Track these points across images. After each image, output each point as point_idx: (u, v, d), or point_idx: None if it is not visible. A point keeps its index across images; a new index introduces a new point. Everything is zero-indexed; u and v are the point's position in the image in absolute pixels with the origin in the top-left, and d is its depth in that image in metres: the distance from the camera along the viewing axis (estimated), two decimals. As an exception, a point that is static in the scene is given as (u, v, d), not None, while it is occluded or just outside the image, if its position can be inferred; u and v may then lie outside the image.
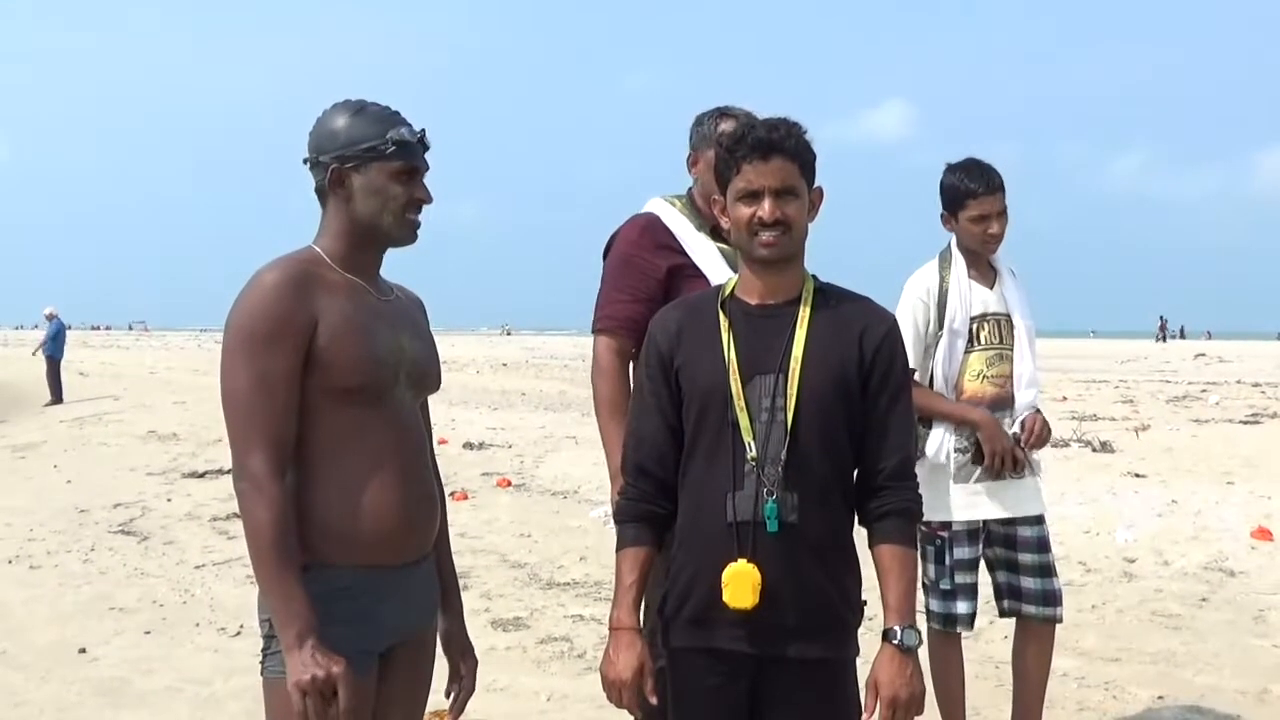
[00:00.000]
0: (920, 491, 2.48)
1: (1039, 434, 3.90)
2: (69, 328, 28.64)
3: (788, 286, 2.44)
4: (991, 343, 3.92)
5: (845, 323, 2.42)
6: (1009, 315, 3.96)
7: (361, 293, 2.30)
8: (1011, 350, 3.94)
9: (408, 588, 2.34)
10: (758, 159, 2.36)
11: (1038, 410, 3.97)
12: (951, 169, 3.96)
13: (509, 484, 10.97)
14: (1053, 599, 3.94)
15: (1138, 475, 10.44)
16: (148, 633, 6.03)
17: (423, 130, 2.33)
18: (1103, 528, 8.27)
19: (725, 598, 2.33)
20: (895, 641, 2.36)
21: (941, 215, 3.97)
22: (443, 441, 13.50)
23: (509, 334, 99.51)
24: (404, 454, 2.30)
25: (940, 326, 3.88)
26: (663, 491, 2.47)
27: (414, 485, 2.31)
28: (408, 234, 2.35)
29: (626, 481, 2.53)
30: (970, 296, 3.91)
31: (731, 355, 2.40)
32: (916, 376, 3.80)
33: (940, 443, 3.85)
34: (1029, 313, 4.00)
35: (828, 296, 2.46)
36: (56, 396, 22.30)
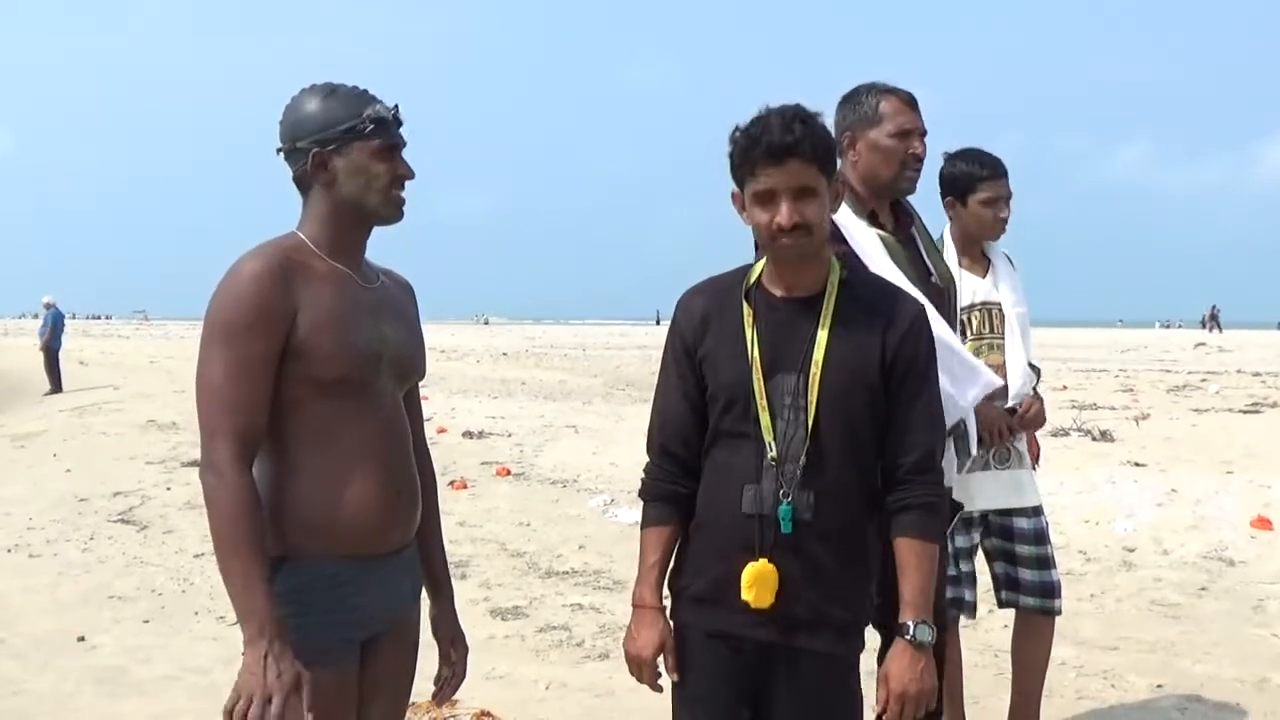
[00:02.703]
0: (942, 488, 2.44)
1: (1032, 414, 3.87)
2: (69, 316, 28.59)
3: (812, 279, 2.41)
4: (982, 332, 3.90)
5: (869, 319, 2.39)
6: (1000, 304, 3.93)
7: (345, 281, 2.26)
8: (1002, 339, 3.92)
9: (389, 577, 2.32)
10: (772, 162, 2.31)
11: (1037, 397, 3.95)
12: (954, 157, 3.95)
13: (508, 473, 10.96)
14: (1050, 591, 3.93)
15: (1137, 464, 10.43)
16: (146, 621, 6.03)
17: (396, 106, 2.29)
18: (1102, 517, 8.27)
19: (746, 597, 2.32)
20: (908, 636, 2.35)
21: (946, 201, 3.94)
22: (442, 430, 13.51)
23: (486, 323, 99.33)
24: (385, 445, 2.28)
25: None
26: (687, 472, 2.48)
27: (395, 476, 2.29)
28: (394, 211, 2.31)
29: (651, 461, 2.54)
30: (960, 286, 3.86)
31: (755, 352, 2.37)
32: None
33: None
34: (1022, 300, 3.96)
35: (853, 289, 2.43)
36: (56, 386, 22.28)
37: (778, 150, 2.30)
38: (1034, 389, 3.97)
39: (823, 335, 2.36)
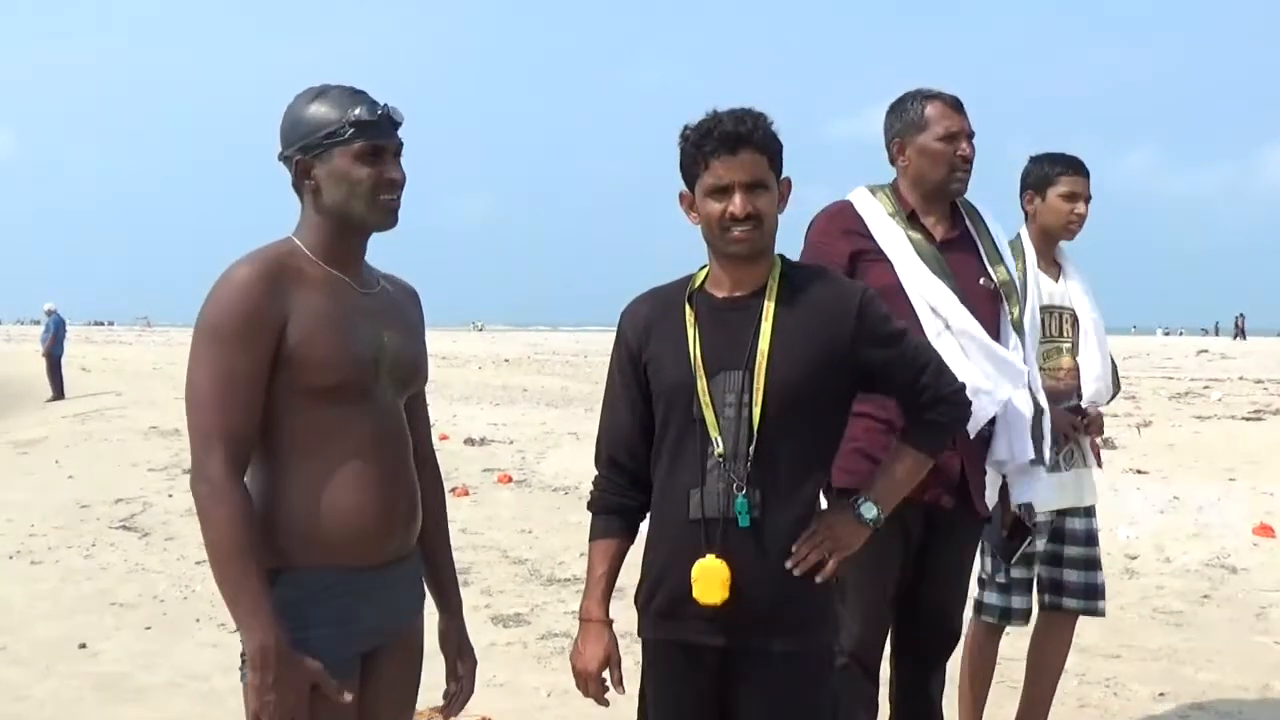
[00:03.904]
0: (961, 410, 2.52)
1: (1091, 425, 3.90)
2: (70, 323, 28.59)
3: (755, 277, 2.44)
4: (1052, 335, 3.90)
5: (812, 312, 2.41)
6: (1072, 309, 3.94)
7: (341, 287, 2.21)
8: (1068, 342, 3.93)
9: (390, 588, 2.27)
10: (726, 153, 2.34)
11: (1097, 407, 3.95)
12: (1039, 156, 3.98)
13: (510, 480, 10.96)
14: (1095, 592, 3.96)
15: (1139, 472, 10.42)
16: (148, 628, 6.03)
17: (386, 106, 2.20)
18: (1104, 524, 8.19)
19: (694, 594, 2.33)
20: (855, 504, 2.43)
21: (1026, 197, 3.95)
22: (444, 437, 13.50)
23: (480, 329, 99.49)
24: (384, 453, 2.22)
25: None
26: (634, 483, 2.50)
27: (394, 485, 2.23)
28: (382, 217, 2.23)
29: (599, 473, 2.57)
30: (1039, 287, 3.87)
31: (697, 351, 2.40)
32: None
33: None
34: (1096, 306, 3.98)
35: (794, 282, 2.45)
36: (58, 392, 22.30)
37: (731, 140, 2.34)
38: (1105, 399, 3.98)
39: (766, 328, 2.38)
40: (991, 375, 3.15)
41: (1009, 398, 3.20)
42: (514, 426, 15.21)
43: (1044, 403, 3.38)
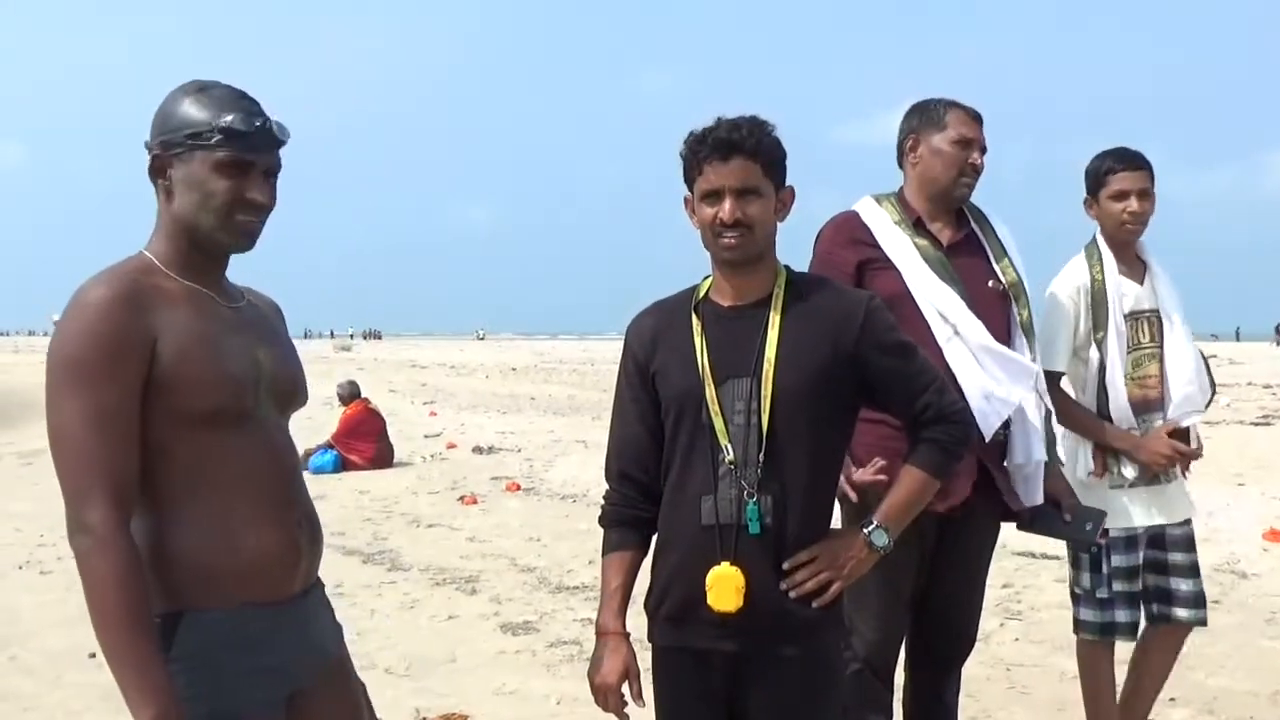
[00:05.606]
0: (963, 430, 2.49)
1: (1193, 450, 3.81)
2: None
3: (758, 286, 2.44)
4: (1141, 342, 3.68)
5: (817, 319, 2.41)
6: (1158, 312, 3.70)
7: (204, 302, 2.01)
8: (1159, 349, 3.69)
9: (305, 620, 2.08)
10: (718, 159, 2.36)
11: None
12: (1099, 155, 3.74)
13: (518, 488, 10.97)
14: (1202, 600, 3.78)
15: (1148, 477, 10.39)
16: (157, 637, 6.03)
17: (264, 120, 2.00)
18: (1113, 530, 8.22)
19: (710, 601, 2.33)
20: (865, 531, 2.40)
21: (1085, 201, 3.74)
22: (452, 446, 13.54)
23: (482, 338, 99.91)
24: (278, 475, 2.05)
25: (1097, 329, 3.62)
26: (645, 495, 2.50)
27: (292, 509, 2.06)
28: (234, 238, 2.02)
29: (610, 487, 2.57)
30: (1121, 294, 3.66)
31: (704, 359, 2.40)
32: (1066, 381, 3.67)
33: (1076, 458, 3.66)
34: (1181, 307, 3.75)
35: (799, 291, 2.45)
36: (66, 402, 22.34)
37: (724, 146, 2.35)
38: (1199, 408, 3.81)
39: (773, 336, 2.39)
40: (1003, 379, 3.16)
41: (1021, 400, 3.20)
42: (522, 435, 15.22)
43: (1050, 404, 3.39)
